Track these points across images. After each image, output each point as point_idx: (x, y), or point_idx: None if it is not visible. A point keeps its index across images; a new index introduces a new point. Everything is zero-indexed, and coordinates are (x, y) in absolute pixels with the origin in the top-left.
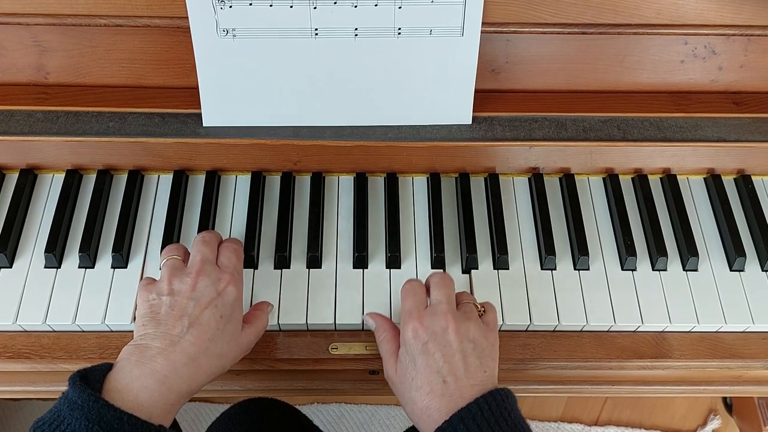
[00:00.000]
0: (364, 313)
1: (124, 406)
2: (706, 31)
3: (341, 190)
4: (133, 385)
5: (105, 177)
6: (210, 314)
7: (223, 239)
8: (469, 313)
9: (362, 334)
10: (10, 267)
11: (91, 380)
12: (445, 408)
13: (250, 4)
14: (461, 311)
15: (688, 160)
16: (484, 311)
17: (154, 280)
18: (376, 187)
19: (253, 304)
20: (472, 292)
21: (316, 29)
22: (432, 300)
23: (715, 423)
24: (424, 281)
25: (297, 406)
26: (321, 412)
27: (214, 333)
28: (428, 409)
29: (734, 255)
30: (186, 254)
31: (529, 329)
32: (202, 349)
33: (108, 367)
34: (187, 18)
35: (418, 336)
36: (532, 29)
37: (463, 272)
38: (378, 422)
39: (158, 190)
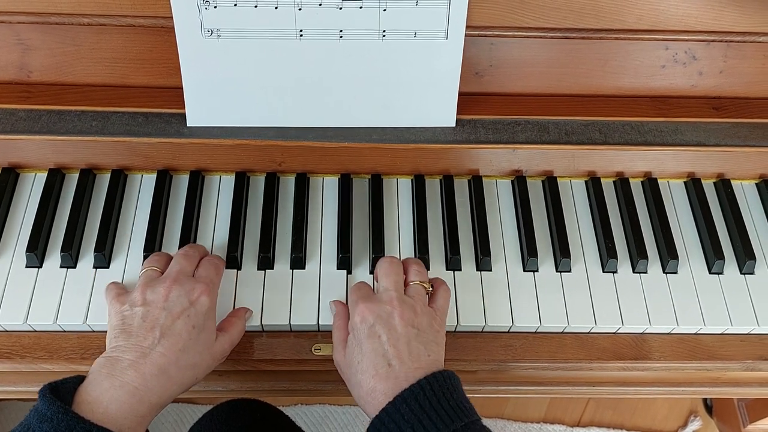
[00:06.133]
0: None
1: (94, 419)
2: (686, 37)
3: (326, 191)
4: (103, 398)
5: (88, 176)
6: (182, 324)
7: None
8: (416, 297)
9: None
10: None
11: (62, 393)
12: (390, 390)
13: (235, 5)
14: (408, 295)
15: (669, 164)
16: (432, 289)
17: (124, 289)
18: (361, 188)
19: (236, 304)
20: (455, 294)
21: (301, 31)
22: (379, 287)
23: (695, 424)
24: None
25: (281, 408)
26: (305, 413)
27: (185, 343)
28: (374, 391)
29: (713, 258)
30: (168, 262)
31: (511, 330)
32: (173, 360)
33: (79, 380)
34: (171, 18)
35: (365, 319)
36: (516, 33)
37: (447, 270)
38: (362, 424)
39: (141, 189)
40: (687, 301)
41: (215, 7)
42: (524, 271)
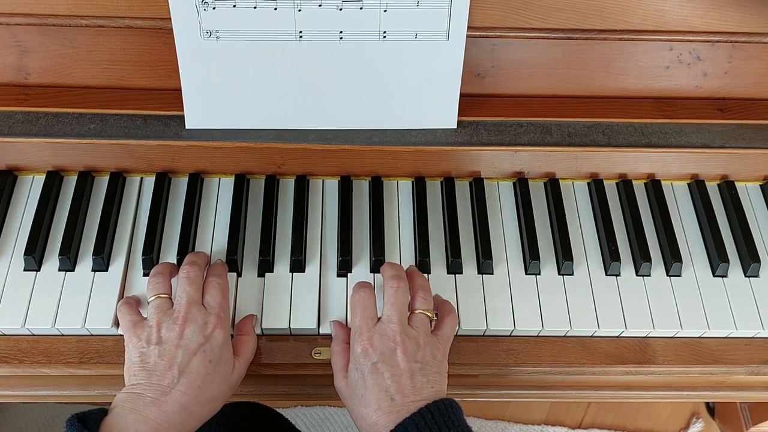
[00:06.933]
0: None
1: None
2: (691, 38)
3: (326, 194)
4: (127, 431)
5: (86, 179)
6: (199, 361)
7: (209, 267)
8: (420, 328)
9: None
10: None
11: (89, 423)
12: (392, 424)
13: (234, 6)
14: (412, 326)
15: (673, 166)
16: (437, 317)
17: (138, 314)
18: (361, 190)
19: (236, 308)
20: (456, 297)
21: (301, 32)
22: (383, 317)
23: (697, 426)
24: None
25: (280, 410)
26: (305, 415)
27: (203, 379)
28: (376, 425)
29: (717, 261)
30: (173, 273)
31: (513, 334)
32: (193, 397)
33: (104, 412)
34: (169, 19)
35: (368, 355)
36: (519, 34)
37: (448, 273)
38: None
39: (140, 192)
40: (691, 304)
41: (214, 8)
42: (526, 274)
